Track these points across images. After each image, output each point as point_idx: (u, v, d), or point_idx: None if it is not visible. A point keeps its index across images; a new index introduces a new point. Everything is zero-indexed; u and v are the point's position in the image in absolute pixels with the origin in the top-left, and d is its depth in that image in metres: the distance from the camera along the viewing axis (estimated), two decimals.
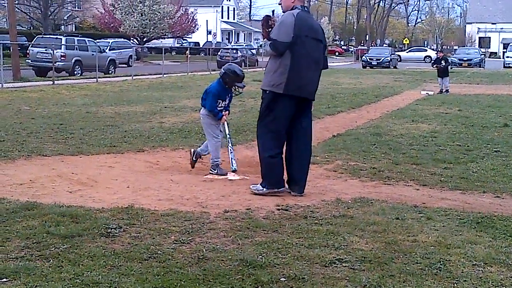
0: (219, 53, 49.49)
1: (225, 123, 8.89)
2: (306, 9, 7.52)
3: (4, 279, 4.45)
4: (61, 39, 33.26)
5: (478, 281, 4.65)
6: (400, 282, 4.60)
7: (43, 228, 5.55)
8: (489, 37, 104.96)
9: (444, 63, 25.33)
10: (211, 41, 76.50)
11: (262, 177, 7.50)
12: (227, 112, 8.91)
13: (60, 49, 31.48)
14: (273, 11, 9.98)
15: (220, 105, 8.75)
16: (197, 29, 69.83)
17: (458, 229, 5.95)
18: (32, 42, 33.85)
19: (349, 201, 7.01)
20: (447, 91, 24.83)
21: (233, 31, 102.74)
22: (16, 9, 40.41)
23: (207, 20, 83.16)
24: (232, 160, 8.73)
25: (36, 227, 5.61)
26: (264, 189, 7.38)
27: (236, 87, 8.80)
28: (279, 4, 7.57)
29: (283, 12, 7.49)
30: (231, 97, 8.94)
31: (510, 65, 54.52)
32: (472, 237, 5.67)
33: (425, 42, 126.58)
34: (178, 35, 68.17)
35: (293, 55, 7.18)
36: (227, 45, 70.44)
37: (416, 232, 5.82)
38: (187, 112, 16.09)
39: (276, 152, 7.42)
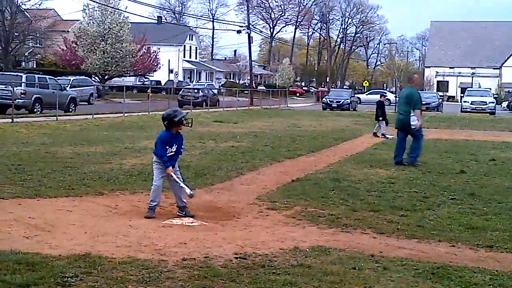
0: (180, 93, 49.61)
1: (173, 174, 8.92)
2: None
3: None
4: (21, 76, 32.90)
5: None
6: None
7: None
8: (447, 81, 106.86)
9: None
10: (172, 80, 76.67)
11: None
12: (170, 167, 8.92)
13: (20, 86, 31.11)
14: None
15: (169, 152, 8.89)
16: (159, 67, 69.99)
17: (414, 280, 6.03)
18: None
19: (307, 250, 7.05)
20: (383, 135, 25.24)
21: (195, 70, 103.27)
22: None
23: (169, 59, 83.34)
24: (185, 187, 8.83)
25: None
26: None
27: (184, 122, 8.92)
28: None
29: None
30: (180, 143, 9.10)
31: (467, 109, 53.72)
32: None
33: (384, 84, 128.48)
34: (140, 73, 68.23)
35: None
36: (189, 84, 70.60)
37: (372, 283, 5.88)
38: (147, 153, 15.97)
39: None
